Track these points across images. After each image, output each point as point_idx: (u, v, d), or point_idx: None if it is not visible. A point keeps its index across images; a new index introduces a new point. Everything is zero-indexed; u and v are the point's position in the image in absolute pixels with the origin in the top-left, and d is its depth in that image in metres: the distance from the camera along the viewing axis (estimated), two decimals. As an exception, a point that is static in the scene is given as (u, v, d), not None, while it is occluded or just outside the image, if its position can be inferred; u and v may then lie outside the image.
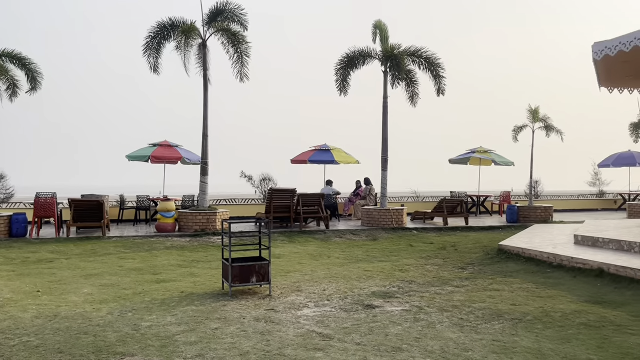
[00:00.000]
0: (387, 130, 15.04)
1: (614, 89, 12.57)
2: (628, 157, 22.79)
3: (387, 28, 14.61)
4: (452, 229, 14.42)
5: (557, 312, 5.73)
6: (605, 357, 4.28)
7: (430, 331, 5.09)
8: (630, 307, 5.88)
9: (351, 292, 6.89)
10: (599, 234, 9.68)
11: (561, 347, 4.54)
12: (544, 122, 17.09)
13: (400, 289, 7.12)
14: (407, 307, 6.08)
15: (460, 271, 8.54)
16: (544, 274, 8.01)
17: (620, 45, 9.04)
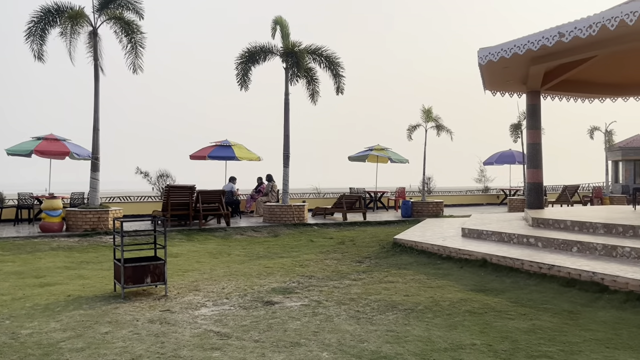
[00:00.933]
0: (288, 127, 15.11)
1: (497, 92, 13.59)
2: (509, 155, 24.76)
3: (288, 25, 14.66)
4: (351, 224, 14.82)
5: (445, 301, 6.08)
6: (487, 341, 4.60)
7: (328, 325, 5.18)
8: (510, 294, 6.38)
9: (251, 290, 6.84)
10: (484, 227, 10.42)
11: (448, 334, 4.82)
12: (436, 122, 18.06)
13: (300, 285, 7.18)
14: (306, 302, 6.15)
15: (358, 265, 8.79)
16: (434, 265, 8.48)
17: (502, 52, 9.78)
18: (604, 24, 8.04)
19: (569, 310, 5.56)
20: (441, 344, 4.55)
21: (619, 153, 31.43)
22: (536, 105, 12.85)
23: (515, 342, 4.55)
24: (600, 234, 8.75)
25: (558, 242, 8.26)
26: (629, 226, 8.42)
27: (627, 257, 7.18)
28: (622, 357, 4.18)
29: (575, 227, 9.38)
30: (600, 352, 4.28)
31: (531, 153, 13.07)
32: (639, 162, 32.06)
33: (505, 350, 4.37)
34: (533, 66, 10.77)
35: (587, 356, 4.20)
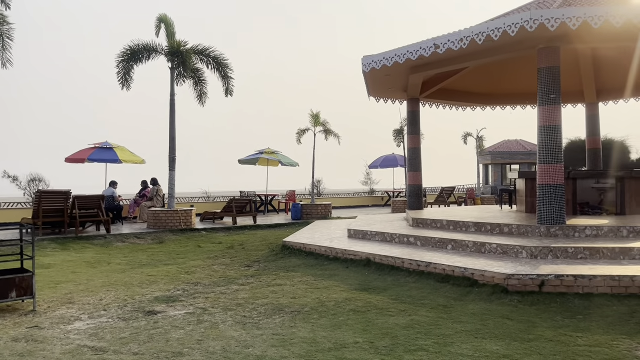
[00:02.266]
0: (174, 128, 14.60)
1: (380, 98, 14.20)
2: (392, 159, 26.00)
3: (173, 23, 14.18)
4: (240, 228, 14.66)
5: (331, 302, 6.21)
6: (369, 339, 4.77)
7: (213, 332, 5.06)
8: (391, 292, 6.67)
9: (132, 300, 6.49)
10: (368, 227, 10.82)
11: (333, 334, 4.93)
12: (324, 126, 18.48)
13: (185, 292, 6.95)
14: (191, 310, 5.96)
15: (246, 269, 8.71)
16: (322, 266, 8.64)
17: (384, 60, 10.23)
18: (473, 38, 8.73)
19: (443, 305, 5.93)
20: (325, 344, 4.64)
21: (488, 157, 34.32)
22: (416, 111, 13.62)
23: (395, 338, 4.76)
24: (472, 232, 9.47)
25: (435, 240, 8.80)
26: (496, 224, 9.20)
27: (493, 252, 7.84)
28: (488, 345, 4.54)
29: (450, 226, 10.06)
30: (470, 342, 4.61)
31: (411, 157, 13.82)
32: (506, 166, 35.28)
33: (385, 346, 4.55)
34: (412, 75, 11.41)
35: (458, 347, 4.51)
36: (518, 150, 34.35)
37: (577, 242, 7.80)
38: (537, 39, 8.79)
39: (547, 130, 8.90)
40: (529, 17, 7.92)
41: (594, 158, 15.11)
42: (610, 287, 5.99)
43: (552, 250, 7.35)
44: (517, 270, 6.48)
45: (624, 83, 14.01)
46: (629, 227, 8.25)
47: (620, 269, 6.40)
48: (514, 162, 34.38)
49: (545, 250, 7.37)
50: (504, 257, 7.50)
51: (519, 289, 6.19)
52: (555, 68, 8.85)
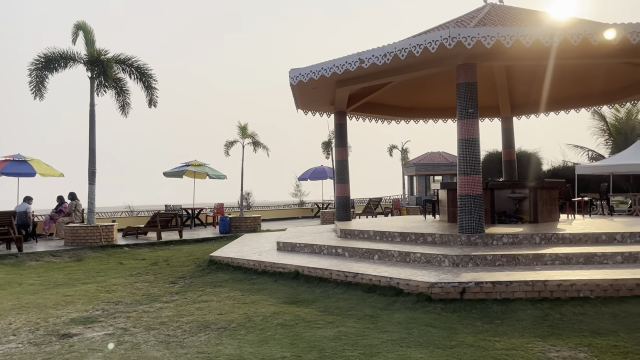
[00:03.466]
0: (94, 140, 13.96)
1: (308, 111, 14.30)
2: (321, 171, 26.24)
3: (92, 31, 13.63)
4: (166, 243, 14.21)
5: (259, 317, 6.12)
6: (296, 353, 4.73)
7: (134, 353, 4.83)
8: (319, 304, 6.68)
9: (45, 323, 6.08)
10: (297, 240, 10.81)
11: (260, 350, 4.85)
12: (252, 138, 18.36)
13: (105, 312, 6.61)
14: (110, 331, 5.67)
15: (171, 286, 8.42)
16: (250, 280, 8.51)
17: (311, 73, 10.33)
18: (396, 54, 9.01)
19: (370, 315, 6.00)
20: (252, 360, 4.55)
21: (413, 168, 35.45)
22: (343, 124, 13.83)
23: (322, 351, 4.75)
24: (398, 242, 9.69)
25: (362, 251, 8.93)
26: (420, 234, 9.48)
27: (418, 262, 8.06)
28: (413, 354, 4.63)
29: (377, 237, 10.25)
30: (395, 352, 4.69)
31: (339, 169, 14.00)
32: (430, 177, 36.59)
33: (312, 359, 4.53)
34: (339, 88, 11.59)
35: (384, 356, 4.56)
36: (441, 162, 35.76)
37: (496, 250, 8.18)
38: (456, 56, 9.21)
39: (466, 143, 9.31)
40: (448, 35, 8.28)
41: (510, 169, 15.97)
42: (525, 292, 6.31)
43: (472, 259, 7.66)
44: (440, 278, 6.69)
45: (536, 99, 14.97)
46: (541, 235, 8.76)
47: (534, 274, 6.76)
48: (437, 174, 35.73)
49: (466, 258, 7.67)
50: (428, 266, 7.72)
51: (442, 296, 6.39)
52: (472, 84, 9.30)
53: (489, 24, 9.53)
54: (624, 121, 24.40)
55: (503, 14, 11.08)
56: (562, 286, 6.32)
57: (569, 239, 8.70)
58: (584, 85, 14.00)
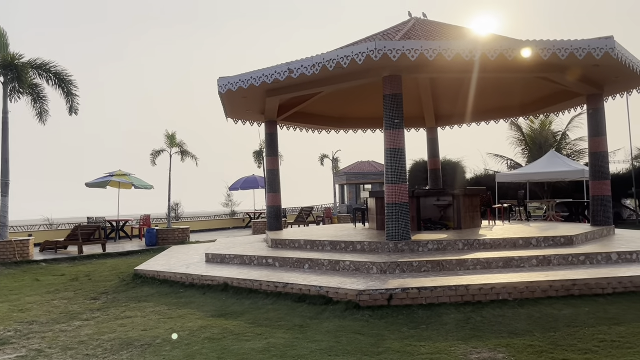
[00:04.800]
0: (8, 150, 13.11)
1: (238, 120, 14.16)
2: (253, 180, 26.03)
3: (6, 34, 12.85)
4: (87, 257, 13.54)
5: (185, 331, 5.94)
6: (223, 366, 4.62)
7: (48, 376, 4.54)
8: (249, 315, 6.58)
9: (-53, 348, 5.59)
10: (227, 251, 10.63)
11: (186, 365, 4.70)
12: (180, 147, 17.93)
13: (18, 333, 6.18)
14: (23, 353, 5.30)
15: (92, 302, 8.01)
16: (177, 294, 8.26)
17: (240, 82, 10.24)
18: (324, 64, 9.12)
19: (299, 325, 5.98)
20: (177, 377, 4.40)
21: (344, 177, 35.94)
22: (273, 134, 13.81)
23: (250, 363, 4.68)
24: (328, 250, 9.76)
25: (292, 260, 8.91)
26: (349, 242, 9.59)
27: (347, 270, 8.15)
28: (341, 361, 4.65)
29: (307, 246, 10.27)
30: (324, 360, 4.69)
31: (270, 178, 13.94)
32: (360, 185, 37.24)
33: (240, 373, 4.45)
34: (269, 97, 11.56)
35: (312, 366, 4.55)
36: (370, 170, 36.51)
37: (421, 256, 8.42)
38: (382, 67, 9.45)
39: (392, 153, 9.55)
40: (374, 47, 8.49)
41: (435, 177, 16.54)
42: (449, 297, 6.53)
43: (399, 265, 7.84)
44: (368, 286, 6.79)
45: (459, 110, 15.64)
46: (464, 240, 9.12)
47: (457, 279, 7.02)
48: (367, 182, 36.44)
49: (393, 265, 7.84)
50: (356, 274, 7.82)
51: (370, 303, 6.48)
52: (398, 95, 9.57)
53: (413, 37, 9.86)
54: (538, 132, 25.96)
55: (427, 28, 11.50)
56: (483, 290, 6.59)
57: (489, 244, 9.11)
58: (503, 97, 14.78)
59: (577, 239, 9.43)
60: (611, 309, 6.15)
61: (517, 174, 21.52)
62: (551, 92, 13.45)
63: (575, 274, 7.17)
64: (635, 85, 11.68)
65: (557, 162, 20.33)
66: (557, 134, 26.33)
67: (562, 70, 10.12)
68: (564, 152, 25.38)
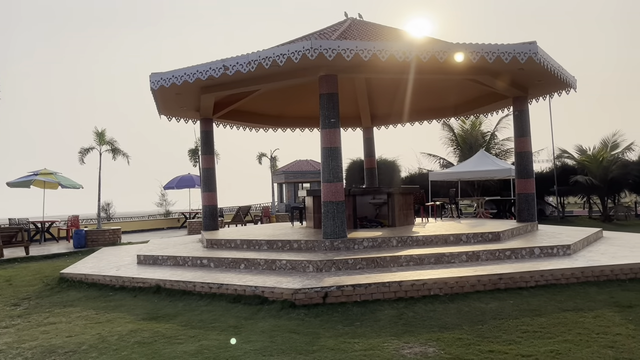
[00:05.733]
0: None
1: (172, 117, 13.80)
2: (188, 179, 25.47)
3: None
4: (9, 261, 12.77)
5: (114, 336, 5.71)
6: (154, 371, 4.48)
7: (-40, 390, 4.23)
8: (182, 318, 6.41)
9: None
10: (160, 252, 10.33)
11: (113, 372, 4.51)
12: (111, 145, 17.25)
13: None
14: None
15: (13, 309, 7.55)
16: (106, 298, 7.93)
17: (173, 78, 9.97)
18: (260, 62, 9.04)
19: (234, 326, 5.90)
20: (103, 384, 4.21)
21: (282, 176, 35.87)
22: (209, 132, 13.55)
23: (182, 367, 4.56)
24: (265, 249, 9.69)
25: (228, 261, 8.78)
26: (286, 241, 9.57)
27: (284, 269, 8.12)
28: (275, 361, 4.62)
29: (244, 245, 10.15)
30: (258, 361, 4.65)
31: (206, 177, 13.68)
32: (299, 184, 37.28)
33: (171, 377, 4.32)
34: (203, 95, 11.33)
35: (246, 367, 4.50)
36: (309, 169, 36.64)
37: (357, 253, 8.52)
38: (318, 67, 9.48)
39: (329, 152, 9.62)
40: (310, 46, 8.50)
41: (371, 176, 16.83)
42: (382, 294, 6.65)
43: (335, 263, 7.90)
44: (304, 284, 6.80)
45: (394, 111, 15.98)
46: (398, 238, 9.32)
47: (390, 276, 7.15)
48: (305, 181, 36.55)
49: (329, 263, 7.89)
50: (293, 273, 7.81)
51: (305, 302, 6.49)
52: (334, 95, 9.64)
53: (349, 38, 9.95)
54: (469, 132, 26.97)
55: (363, 29, 11.65)
56: (415, 286, 6.76)
57: (422, 241, 9.36)
58: (437, 98, 15.23)
59: (504, 235, 9.87)
60: (534, 301, 6.47)
61: (449, 172, 22.26)
62: (481, 94, 13.99)
63: (502, 268, 7.49)
64: (557, 89, 12.36)
65: (486, 161, 21.22)
66: (487, 134, 27.46)
67: (490, 73, 10.55)
68: (493, 151, 26.50)
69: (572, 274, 7.39)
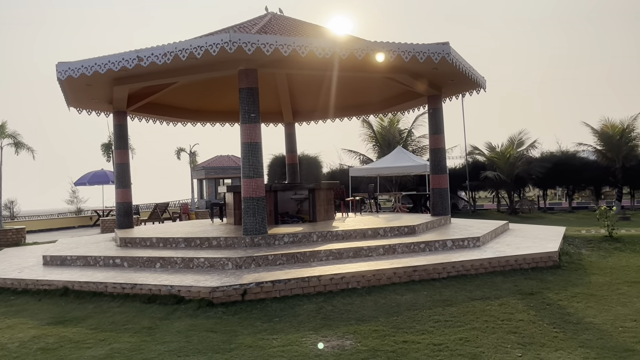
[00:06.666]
0: None
1: (82, 110, 13.06)
2: (102, 175, 24.30)
3: None
4: None
5: (14, 343, 5.32)
6: (58, 379, 4.21)
7: None
8: (91, 321, 6.09)
9: None
10: (69, 252, 9.76)
11: (12, 382, 4.20)
12: (13, 138, 16.07)
13: None
14: None
15: None
16: (6, 302, 7.37)
17: (83, 68, 9.42)
18: (177, 54, 8.73)
19: (148, 327, 5.68)
20: (0, 396, 3.91)
21: (202, 172, 35.10)
22: (123, 125, 12.96)
23: (90, 373, 4.32)
24: (182, 247, 9.42)
25: (143, 260, 8.45)
26: (205, 238, 9.36)
27: (202, 267, 7.93)
28: (191, 362, 4.50)
29: (160, 244, 9.81)
30: (172, 362, 4.50)
31: (119, 173, 13.07)
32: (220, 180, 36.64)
33: (77, 384, 4.09)
34: (116, 86, 10.80)
35: (160, 369, 4.34)
36: (230, 165, 36.10)
37: (277, 249, 8.50)
38: (238, 60, 9.33)
39: (249, 147, 9.50)
40: (229, 39, 8.33)
41: (293, 172, 16.85)
42: (302, 288, 6.67)
43: (255, 260, 7.82)
44: (222, 282, 6.67)
45: (316, 107, 16.07)
46: (318, 233, 9.40)
47: (310, 270, 7.19)
48: (226, 177, 35.98)
49: (249, 260, 7.80)
50: (211, 271, 7.64)
51: (223, 300, 6.38)
52: (254, 89, 9.53)
53: (269, 32, 9.87)
54: (388, 129, 27.74)
55: (284, 24, 11.60)
56: (334, 279, 6.84)
57: (341, 236, 9.49)
58: (358, 96, 15.47)
59: (419, 228, 10.23)
60: (446, 291, 6.75)
61: (369, 168, 22.78)
62: (399, 92, 14.39)
63: (417, 261, 7.76)
64: (468, 89, 12.97)
65: (404, 157, 21.93)
66: (404, 131, 28.37)
67: (407, 72, 10.87)
68: (410, 148, 27.44)
69: (481, 264, 7.79)
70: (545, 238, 10.10)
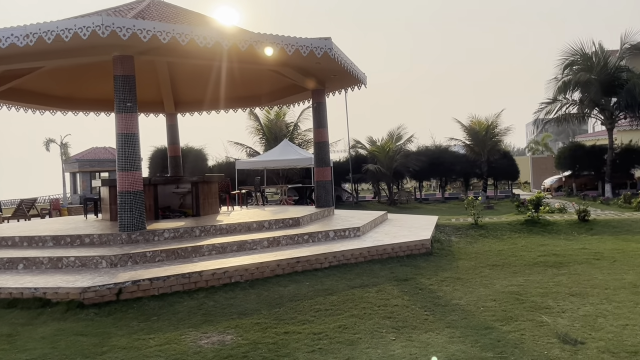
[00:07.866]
0: None
1: None
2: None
3: None
4: None
5: None
6: None
7: None
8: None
9: None
10: None
11: None
12: None
13: None
14: None
15: None
16: None
17: None
18: (41, 36, 7.99)
19: (7, 334, 5.16)
20: None
21: (76, 165, 32.69)
22: (-21, 112, 11.63)
23: None
24: (50, 246, 8.68)
25: (3, 261, 7.65)
26: (76, 236, 8.71)
27: (72, 266, 7.37)
28: (56, 369, 4.16)
29: (24, 243, 8.96)
30: (35, 372, 4.13)
31: (-25, 165, 11.73)
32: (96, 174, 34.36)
33: None
34: (-30, 69, 9.66)
35: (19, 380, 3.96)
36: (107, 157, 33.97)
37: (157, 245, 8.15)
38: (112, 46, 8.75)
39: (125, 138, 8.98)
40: (101, 22, 7.78)
41: (176, 165, 16.25)
42: (182, 285, 6.46)
43: (132, 257, 7.43)
44: (94, 282, 6.25)
45: (200, 97, 15.61)
46: (201, 227, 9.16)
47: (191, 266, 6.99)
48: (103, 170, 33.81)
49: (126, 257, 7.40)
50: (82, 270, 7.13)
51: (96, 301, 5.98)
52: (130, 77, 9.02)
53: (148, 18, 9.37)
54: (274, 122, 27.83)
55: (164, 10, 11.08)
56: (217, 274, 6.72)
57: (225, 230, 9.34)
58: (244, 87, 15.25)
59: (303, 220, 10.38)
60: (327, 281, 6.93)
61: (255, 161, 22.69)
62: (285, 86, 14.44)
63: (300, 252, 7.87)
64: (350, 84, 13.37)
65: (290, 150, 22.13)
66: (290, 125, 28.63)
67: (291, 65, 10.95)
68: (296, 141, 27.76)
69: (361, 253, 8.10)
70: (420, 227, 10.75)
